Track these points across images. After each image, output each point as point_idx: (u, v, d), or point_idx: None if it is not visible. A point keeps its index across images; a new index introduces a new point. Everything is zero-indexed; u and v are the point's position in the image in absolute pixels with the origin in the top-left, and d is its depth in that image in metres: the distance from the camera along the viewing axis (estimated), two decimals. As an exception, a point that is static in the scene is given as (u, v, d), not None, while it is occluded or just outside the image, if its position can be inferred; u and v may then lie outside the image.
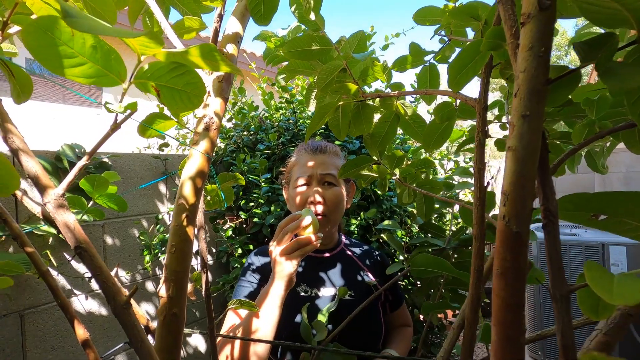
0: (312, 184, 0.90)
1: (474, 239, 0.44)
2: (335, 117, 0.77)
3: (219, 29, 0.52)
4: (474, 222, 0.44)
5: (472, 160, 1.69)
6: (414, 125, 0.72)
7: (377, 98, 0.72)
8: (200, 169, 0.44)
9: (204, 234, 0.57)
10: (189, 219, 0.43)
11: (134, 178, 1.44)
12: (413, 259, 0.75)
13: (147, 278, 1.43)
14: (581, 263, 1.99)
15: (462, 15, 0.58)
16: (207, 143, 0.45)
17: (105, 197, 0.71)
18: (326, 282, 0.92)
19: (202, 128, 0.46)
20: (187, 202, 0.43)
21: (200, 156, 0.44)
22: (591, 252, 1.96)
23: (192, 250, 0.44)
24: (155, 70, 0.32)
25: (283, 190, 1.01)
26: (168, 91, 0.34)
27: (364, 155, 0.84)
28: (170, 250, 0.42)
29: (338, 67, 0.72)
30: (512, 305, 0.24)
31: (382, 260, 1.02)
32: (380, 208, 1.58)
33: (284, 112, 1.74)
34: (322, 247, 0.96)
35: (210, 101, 0.47)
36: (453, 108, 0.56)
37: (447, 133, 0.61)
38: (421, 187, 0.81)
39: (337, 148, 0.98)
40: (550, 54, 0.25)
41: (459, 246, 1.02)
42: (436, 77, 0.77)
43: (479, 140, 0.45)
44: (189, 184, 0.44)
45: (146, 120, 0.47)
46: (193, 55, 0.32)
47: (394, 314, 1.00)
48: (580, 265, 2.01)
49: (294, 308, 0.85)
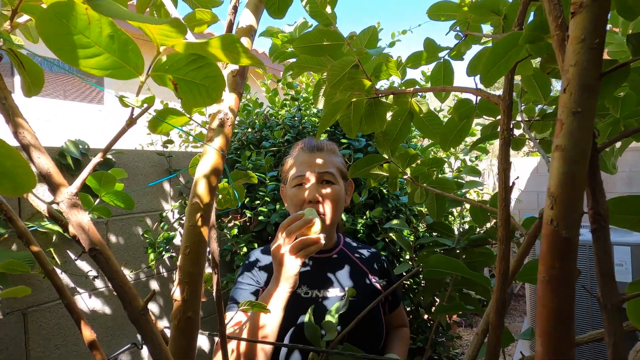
0: (310, 183, 0.88)
1: (499, 241, 0.42)
2: (347, 115, 0.75)
3: (233, 22, 0.50)
4: (499, 224, 0.42)
5: (479, 158, 1.67)
6: (428, 123, 0.70)
7: (391, 95, 0.70)
8: (215, 166, 0.43)
9: (215, 234, 0.56)
10: (204, 219, 0.41)
11: (138, 175, 1.43)
12: (426, 260, 0.74)
13: (151, 277, 1.41)
14: (584, 263, 1.97)
15: (482, 10, 0.56)
16: (222, 139, 0.44)
17: (112, 195, 0.69)
18: (332, 283, 0.90)
19: (216, 124, 0.44)
20: (202, 201, 0.42)
21: (214, 153, 0.43)
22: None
23: (207, 251, 0.42)
24: (174, 62, 0.30)
25: (280, 190, 0.99)
26: (186, 85, 0.32)
27: (374, 154, 0.82)
28: (185, 252, 0.40)
29: (350, 63, 0.70)
30: (561, 315, 0.22)
31: (386, 265, 1.01)
32: (385, 207, 1.56)
33: (288, 109, 1.72)
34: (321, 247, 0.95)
35: (225, 96, 0.46)
36: (472, 105, 0.55)
37: (465, 131, 0.59)
38: (434, 187, 0.80)
39: (334, 146, 0.96)
40: (603, 46, 0.23)
41: (469, 246, 1.00)
42: (450, 74, 0.75)
43: (504, 138, 0.44)
44: (203, 182, 0.42)
45: (158, 116, 0.45)
46: (214, 46, 0.30)
47: (392, 315, 0.99)
48: (583, 265, 1.99)
49: (295, 310, 0.83)
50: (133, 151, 1.41)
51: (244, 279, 0.90)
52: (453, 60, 0.73)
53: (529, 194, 4.43)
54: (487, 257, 1.00)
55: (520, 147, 0.82)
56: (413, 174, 0.81)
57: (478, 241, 0.98)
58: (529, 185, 4.54)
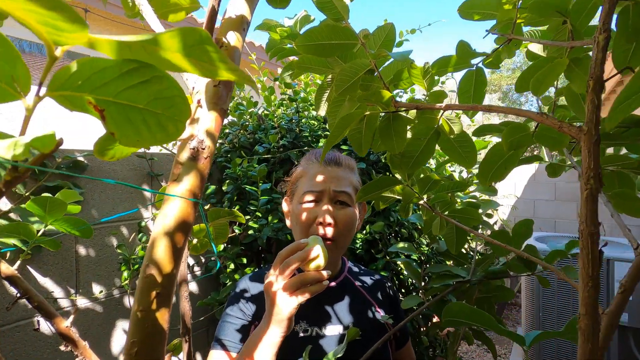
0: (323, 202, 0.75)
1: (580, 335, 0.30)
2: (358, 130, 0.63)
3: (217, 9, 0.36)
4: (582, 312, 0.30)
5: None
6: (458, 145, 0.57)
7: (415, 109, 0.57)
8: (181, 218, 0.29)
9: (187, 291, 0.42)
10: (162, 299, 0.28)
11: (114, 178, 1.28)
12: (447, 308, 0.62)
13: (125, 293, 1.27)
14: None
15: (546, 9, 0.43)
16: (194, 179, 0.30)
17: (63, 223, 0.55)
18: (331, 318, 0.77)
19: (186, 156, 0.31)
20: (161, 270, 0.28)
21: (181, 202, 0.29)
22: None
23: (165, 344, 0.29)
24: (94, 74, 0.17)
25: (283, 202, 0.85)
26: (121, 111, 0.19)
27: (386, 176, 0.69)
28: (130, 352, 0.27)
29: (364, 67, 0.57)
30: None
31: (393, 295, 0.89)
32: (387, 221, 1.44)
33: (285, 109, 1.58)
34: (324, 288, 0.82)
35: (201, 114, 0.32)
36: (529, 134, 0.42)
37: (512, 163, 0.47)
38: (455, 218, 0.67)
39: (352, 162, 0.83)
40: None
41: (485, 278, 0.89)
42: (482, 86, 0.63)
43: (590, 189, 0.31)
44: (163, 244, 0.29)
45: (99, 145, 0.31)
46: (167, 47, 0.17)
47: (400, 352, 0.88)
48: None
49: (292, 351, 0.71)
50: (109, 153, 1.26)
51: (232, 311, 0.77)
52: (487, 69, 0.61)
53: (525, 202, 4.37)
54: (504, 292, 0.88)
55: (559, 173, 0.70)
56: (432, 201, 0.69)
57: (497, 274, 0.87)
58: (525, 193, 4.47)
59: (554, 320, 2.00)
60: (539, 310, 2.04)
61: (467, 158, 0.57)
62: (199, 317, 1.42)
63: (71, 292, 1.14)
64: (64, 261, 1.13)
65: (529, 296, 2.12)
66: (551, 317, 2.00)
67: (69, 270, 1.14)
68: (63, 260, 1.12)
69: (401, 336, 0.88)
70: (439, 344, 1.58)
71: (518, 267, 0.78)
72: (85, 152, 1.17)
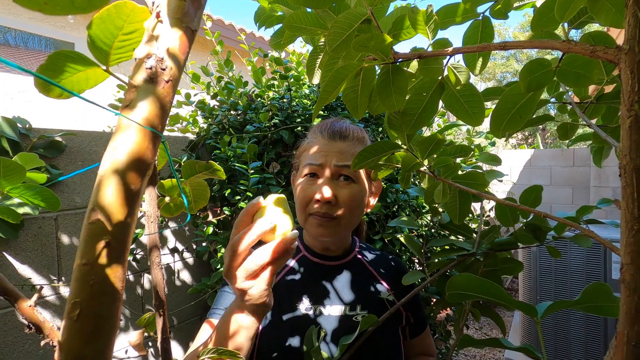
0: (323, 176, 0.68)
1: (624, 289, 0.25)
2: (353, 87, 0.57)
3: None
4: (626, 261, 0.25)
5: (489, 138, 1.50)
6: (464, 100, 0.52)
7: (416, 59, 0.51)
8: (136, 154, 0.24)
9: (159, 257, 0.37)
10: (113, 252, 0.22)
11: (96, 161, 1.21)
12: (450, 281, 0.57)
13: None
14: (582, 263, 1.87)
15: None
16: (152, 106, 0.24)
17: (23, 190, 0.49)
18: (337, 297, 0.72)
19: (141, 78, 0.25)
20: (110, 217, 0.22)
21: (137, 130, 0.23)
22: (592, 253, 1.84)
23: (118, 309, 0.23)
24: None
25: (292, 178, 0.79)
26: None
27: (384, 141, 0.64)
28: (71, 314, 0.21)
29: (360, 16, 0.51)
30: None
31: (399, 268, 0.83)
32: (384, 202, 1.39)
33: (277, 89, 1.51)
34: (330, 253, 0.76)
35: (161, 31, 0.26)
36: (550, 69, 0.36)
37: (530, 108, 0.41)
38: (461, 183, 0.62)
39: (364, 133, 0.75)
40: None
41: (491, 251, 0.84)
42: (490, 38, 0.57)
43: (635, 115, 0.26)
44: (112, 184, 0.23)
45: (47, 67, 0.25)
46: None
47: (414, 341, 0.79)
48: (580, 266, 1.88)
49: (293, 330, 0.66)
50: (89, 133, 1.18)
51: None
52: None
53: (521, 187, 4.37)
54: (512, 265, 0.83)
55: (571, 135, 0.65)
56: (435, 166, 0.64)
57: (504, 245, 0.82)
58: (521, 178, 4.46)
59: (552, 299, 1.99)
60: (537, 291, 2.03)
61: (475, 114, 0.52)
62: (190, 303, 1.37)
63: (53, 280, 1.08)
64: (44, 247, 1.06)
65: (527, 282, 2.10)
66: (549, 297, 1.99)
67: (50, 257, 1.08)
68: (42, 246, 1.06)
69: (417, 322, 0.79)
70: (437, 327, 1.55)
71: (526, 237, 0.74)
72: (64, 131, 1.09)
